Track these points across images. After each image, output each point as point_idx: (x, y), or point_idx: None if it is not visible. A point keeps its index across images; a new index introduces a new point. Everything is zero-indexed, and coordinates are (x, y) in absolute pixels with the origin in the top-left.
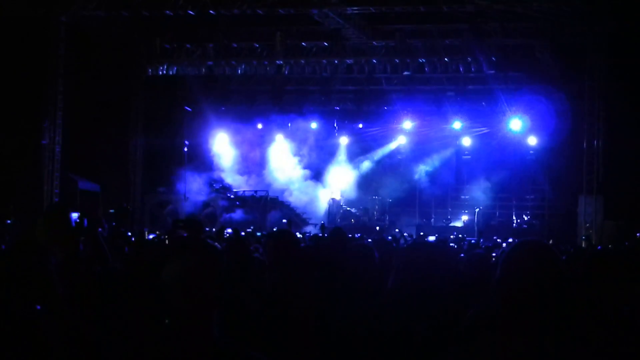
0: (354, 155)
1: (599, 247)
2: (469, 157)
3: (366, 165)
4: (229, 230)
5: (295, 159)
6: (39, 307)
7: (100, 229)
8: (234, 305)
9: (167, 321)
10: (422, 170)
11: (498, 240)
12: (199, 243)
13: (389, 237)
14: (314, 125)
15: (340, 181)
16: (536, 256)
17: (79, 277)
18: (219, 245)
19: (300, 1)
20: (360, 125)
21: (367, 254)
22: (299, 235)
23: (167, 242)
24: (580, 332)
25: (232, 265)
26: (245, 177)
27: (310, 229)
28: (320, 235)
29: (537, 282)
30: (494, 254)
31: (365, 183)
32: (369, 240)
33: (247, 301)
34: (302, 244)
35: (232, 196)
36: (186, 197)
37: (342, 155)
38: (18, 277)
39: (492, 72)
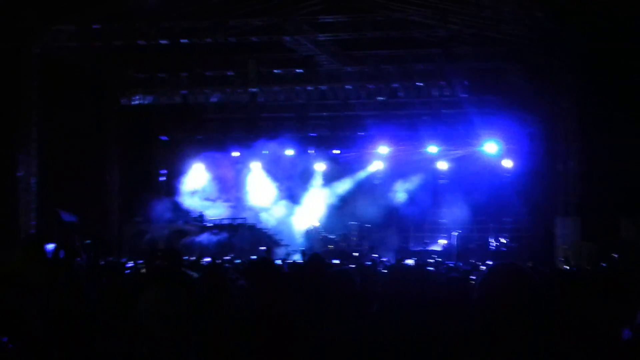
0: (331, 181)
1: (575, 268)
2: (446, 180)
3: (343, 191)
4: (207, 259)
5: (272, 186)
6: (5, 339)
7: (78, 259)
8: (211, 333)
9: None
10: (399, 194)
11: (477, 263)
12: (174, 272)
13: (368, 262)
14: (289, 152)
15: (318, 207)
16: (511, 278)
17: (57, 308)
18: (194, 274)
19: (272, 29)
20: (336, 151)
21: (348, 279)
22: (278, 262)
23: (143, 271)
24: (556, 351)
25: (209, 293)
26: (222, 205)
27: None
28: (300, 262)
29: (513, 303)
30: (473, 277)
31: (343, 209)
32: (351, 266)
33: (224, 329)
34: (282, 271)
35: (209, 224)
36: (164, 226)
37: (318, 181)
38: None
39: (466, 95)
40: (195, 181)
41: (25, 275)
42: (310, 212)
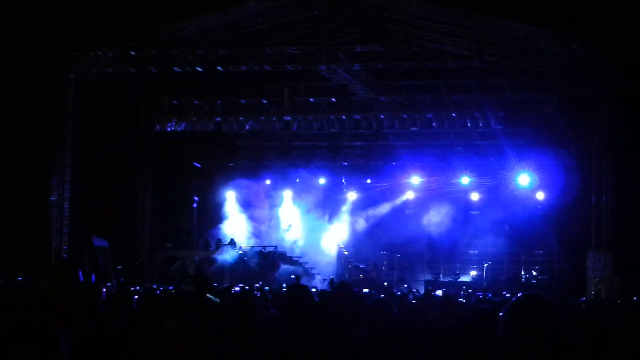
0: (363, 211)
1: (606, 301)
2: (477, 212)
3: (374, 220)
4: (237, 288)
5: (303, 214)
6: None
7: (109, 284)
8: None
9: None
10: (430, 225)
11: (507, 295)
12: (197, 298)
13: (398, 293)
14: (322, 180)
15: (348, 236)
16: (536, 309)
17: (86, 331)
18: (217, 300)
19: (307, 57)
20: (369, 181)
21: (386, 310)
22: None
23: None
24: None
25: (239, 320)
26: (253, 233)
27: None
28: (328, 290)
29: (538, 334)
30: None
31: (374, 238)
32: (382, 296)
33: (252, 355)
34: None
35: (240, 251)
36: (194, 252)
37: (350, 210)
38: (24, 335)
39: (500, 127)
40: (228, 208)
41: (58, 298)
42: (340, 241)
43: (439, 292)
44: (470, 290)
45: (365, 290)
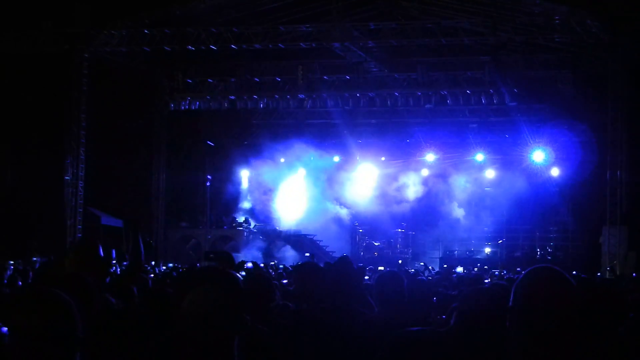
0: (376, 188)
1: (621, 277)
2: (492, 188)
3: (390, 197)
4: (249, 265)
5: (318, 192)
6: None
7: (125, 263)
8: (256, 334)
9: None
10: (444, 202)
11: (522, 272)
12: (220, 273)
13: (412, 270)
14: (336, 158)
15: (362, 213)
16: (548, 282)
17: (103, 309)
18: (240, 275)
19: (321, 35)
20: (383, 158)
21: (396, 281)
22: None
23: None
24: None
25: (253, 296)
26: (267, 211)
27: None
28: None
29: (549, 307)
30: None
31: (389, 215)
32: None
33: (268, 331)
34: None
35: (255, 230)
36: (209, 231)
37: (363, 187)
38: (39, 312)
39: (515, 103)
40: (241, 186)
41: (81, 277)
42: (354, 218)
43: (460, 269)
44: (485, 267)
45: (380, 267)
